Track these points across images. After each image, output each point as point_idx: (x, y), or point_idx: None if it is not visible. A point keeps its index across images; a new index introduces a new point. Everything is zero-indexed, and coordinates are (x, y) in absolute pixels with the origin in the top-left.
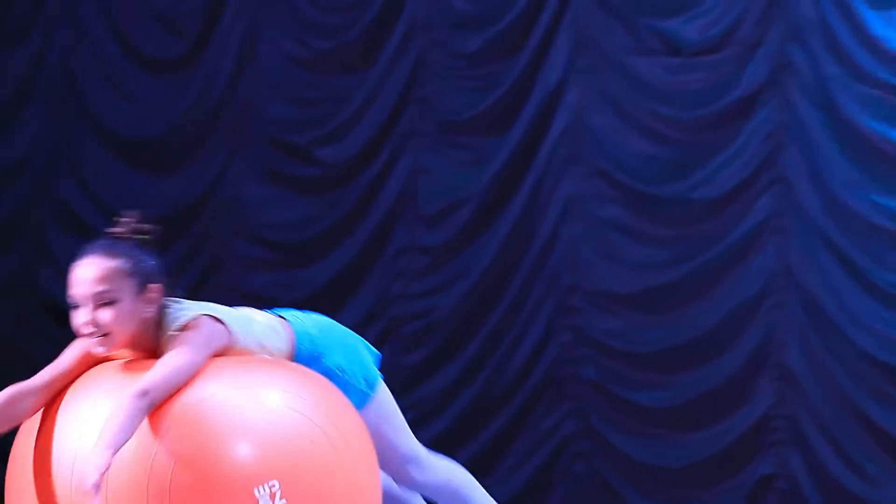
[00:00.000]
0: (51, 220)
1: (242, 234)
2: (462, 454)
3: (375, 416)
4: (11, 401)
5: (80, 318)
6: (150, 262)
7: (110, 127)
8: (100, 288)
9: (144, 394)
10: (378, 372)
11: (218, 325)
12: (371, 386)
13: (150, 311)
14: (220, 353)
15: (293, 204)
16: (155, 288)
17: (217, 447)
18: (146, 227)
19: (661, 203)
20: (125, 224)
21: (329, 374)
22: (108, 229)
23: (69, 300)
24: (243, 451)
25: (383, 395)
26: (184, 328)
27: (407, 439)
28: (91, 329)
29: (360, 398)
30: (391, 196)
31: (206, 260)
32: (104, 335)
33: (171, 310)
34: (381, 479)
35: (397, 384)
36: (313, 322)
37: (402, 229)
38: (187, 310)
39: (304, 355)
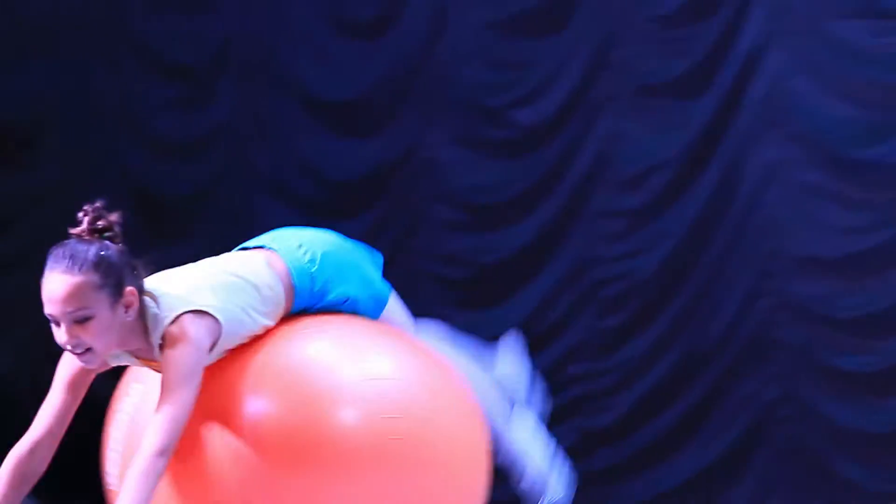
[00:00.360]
0: (250, 185)
1: (439, 198)
2: (663, 418)
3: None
4: (26, 459)
5: (59, 336)
6: (121, 264)
7: (308, 90)
8: (71, 307)
9: (162, 452)
10: (385, 284)
11: (203, 320)
12: (381, 305)
13: (130, 316)
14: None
15: (490, 167)
16: (130, 291)
17: (316, 410)
18: (110, 219)
19: (861, 167)
20: (86, 221)
21: (337, 307)
22: (71, 229)
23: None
24: (342, 417)
25: (392, 305)
26: (169, 338)
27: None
28: (71, 347)
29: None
30: (587, 159)
31: (404, 223)
32: (87, 350)
33: (152, 310)
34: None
35: (597, 347)
36: (310, 248)
37: (599, 192)
38: (168, 309)
39: (305, 295)
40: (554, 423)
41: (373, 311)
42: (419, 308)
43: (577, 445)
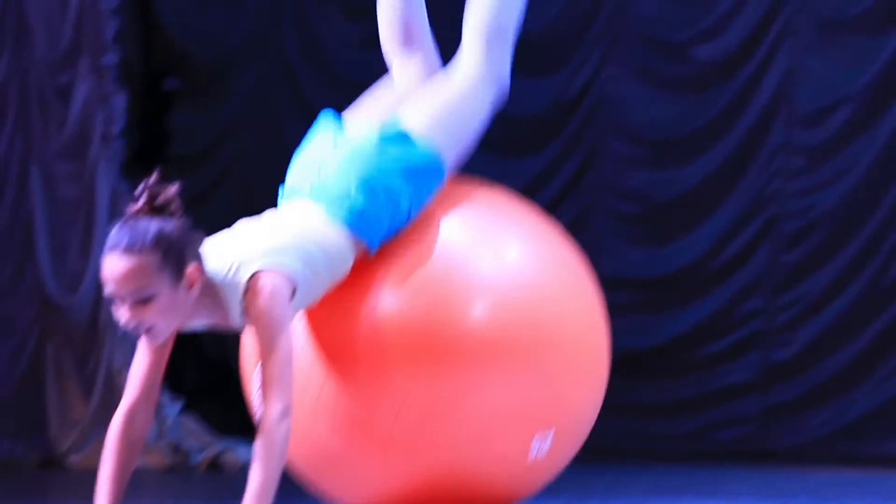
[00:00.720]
0: None
1: (617, 133)
2: (841, 354)
3: (454, 157)
4: (128, 427)
5: (121, 317)
6: (182, 242)
7: None
8: (131, 288)
9: (284, 413)
10: (425, 150)
11: (278, 277)
12: (439, 170)
13: (193, 294)
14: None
15: (668, 102)
16: (192, 268)
17: (451, 305)
18: (168, 194)
19: None
20: (144, 198)
21: (411, 216)
22: (129, 207)
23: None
24: (479, 312)
25: (449, 160)
26: (251, 296)
27: (476, 118)
28: (134, 326)
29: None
30: (767, 94)
31: (581, 158)
32: (150, 329)
33: (219, 279)
34: None
35: (776, 282)
36: (344, 182)
37: (779, 128)
38: (240, 274)
39: (372, 231)
40: (733, 357)
41: (438, 184)
42: (593, 242)
43: (756, 380)
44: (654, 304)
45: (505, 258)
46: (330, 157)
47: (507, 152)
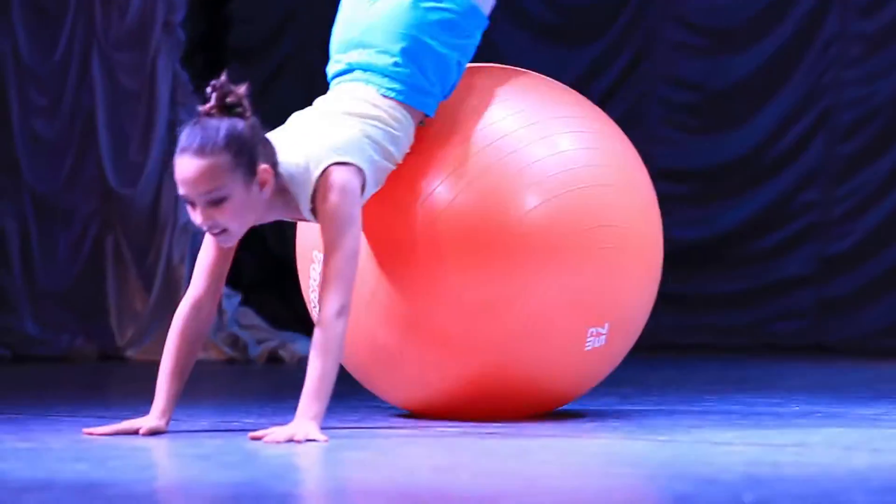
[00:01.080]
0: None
1: (672, 21)
2: None
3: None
4: (193, 318)
5: (194, 218)
6: (253, 141)
7: None
8: (204, 189)
9: (340, 312)
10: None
11: (348, 173)
12: (477, 16)
13: (266, 194)
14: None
15: None
16: (264, 169)
17: (505, 196)
18: (238, 94)
19: None
20: (215, 98)
21: (459, 73)
22: (200, 107)
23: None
24: (532, 202)
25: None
26: (321, 193)
27: None
28: (207, 228)
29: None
30: None
31: (636, 46)
32: (223, 230)
33: (289, 175)
34: None
35: (833, 173)
36: (386, 50)
37: (835, 16)
38: (310, 170)
39: (427, 96)
40: (788, 249)
41: (481, 30)
42: (648, 133)
43: (812, 272)
44: (709, 195)
45: (559, 148)
46: (369, 27)
47: (563, 42)
